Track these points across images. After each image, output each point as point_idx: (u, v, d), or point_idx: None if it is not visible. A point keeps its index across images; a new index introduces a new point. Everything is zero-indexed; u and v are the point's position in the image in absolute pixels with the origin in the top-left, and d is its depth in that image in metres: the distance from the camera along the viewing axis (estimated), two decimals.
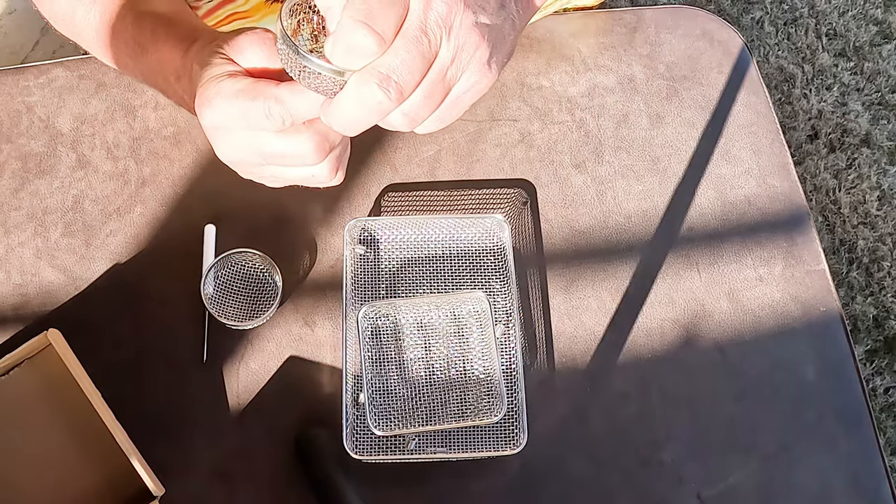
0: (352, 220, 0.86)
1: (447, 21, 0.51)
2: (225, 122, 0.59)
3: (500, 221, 0.88)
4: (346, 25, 0.50)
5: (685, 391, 0.85)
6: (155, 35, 0.70)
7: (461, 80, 0.54)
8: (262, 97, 0.57)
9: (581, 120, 0.95)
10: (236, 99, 0.57)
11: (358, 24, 0.50)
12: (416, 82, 0.52)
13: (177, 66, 0.67)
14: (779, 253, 0.91)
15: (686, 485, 0.82)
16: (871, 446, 0.84)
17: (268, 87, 0.57)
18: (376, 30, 0.50)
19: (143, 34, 0.71)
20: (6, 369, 0.79)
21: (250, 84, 0.58)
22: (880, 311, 1.70)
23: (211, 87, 0.59)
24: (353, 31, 0.50)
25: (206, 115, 0.59)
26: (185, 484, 0.79)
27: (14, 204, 0.89)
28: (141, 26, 0.72)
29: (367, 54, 0.51)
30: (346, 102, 0.52)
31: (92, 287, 0.86)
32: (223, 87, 0.58)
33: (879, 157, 1.81)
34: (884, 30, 1.94)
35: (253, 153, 0.60)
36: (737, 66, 0.98)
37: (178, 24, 0.70)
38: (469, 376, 0.82)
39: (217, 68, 0.60)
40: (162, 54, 0.69)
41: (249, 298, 0.86)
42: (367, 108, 0.52)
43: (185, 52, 0.67)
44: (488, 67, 0.55)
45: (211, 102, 0.59)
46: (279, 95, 0.56)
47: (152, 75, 0.72)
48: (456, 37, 0.52)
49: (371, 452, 0.79)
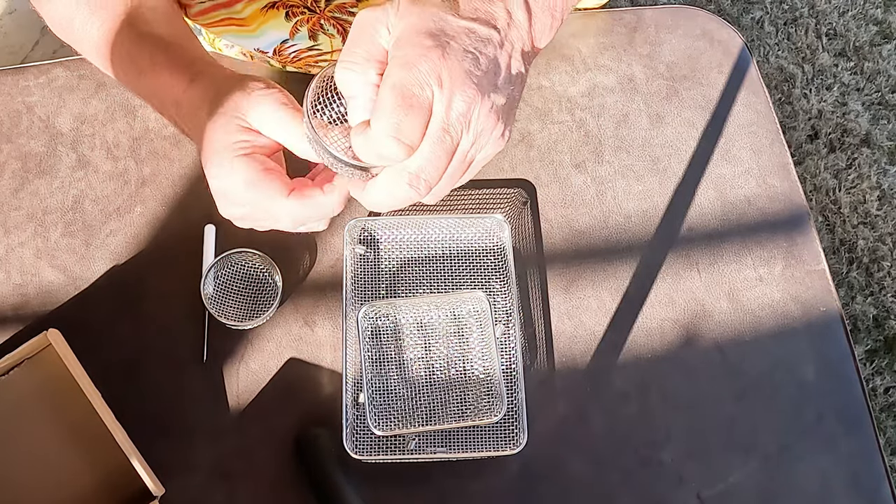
0: (352, 220, 0.86)
1: (467, 116, 0.56)
2: (235, 201, 0.66)
3: (500, 221, 0.88)
4: (378, 138, 0.55)
5: (685, 391, 0.85)
6: (153, 60, 0.71)
7: (479, 155, 0.60)
8: (271, 201, 0.63)
9: (581, 120, 0.95)
10: (248, 189, 0.64)
11: (389, 138, 0.55)
12: (441, 174, 0.58)
13: (177, 96, 0.69)
14: (779, 253, 0.91)
15: (686, 485, 0.82)
16: (871, 446, 0.84)
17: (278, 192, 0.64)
18: (405, 141, 0.55)
19: (141, 57, 0.72)
20: (6, 369, 0.79)
21: (262, 179, 0.64)
22: (880, 311, 1.70)
23: (222, 165, 0.64)
24: (384, 143, 0.55)
25: (214, 185, 0.65)
26: (185, 484, 0.79)
27: (14, 204, 0.89)
28: (140, 48, 0.72)
29: (396, 161, 0.56)
30: (378, 194, 0.59)
31: (92, 287, 0.86)
32: (235, 168, 0.64)
33: (879, 157, 1.81)
34: (884, 30, 1.94)
35: (260, 224, 0.67)
36: (737, 66, 0.98)
37: (178, 52, 0.71)
38: (469, 376, 0.82)
39: (230, 136, 0.64)
40: (161, 80, 0.70)
41: (249, 298, 0.85)
42: (398, 200, 0.59)
43: (188, 83, 0.68)
44: (503, 138, 0.60)
45: (222, 181, 0.65)
46: (288, 206, 0.63)
47: (149, 97, 0.74)
48: (475, 126, 0.57)
49: (371, 452, 0.79)
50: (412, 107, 0.54)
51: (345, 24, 0.94)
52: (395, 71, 0.54)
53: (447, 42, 0.55)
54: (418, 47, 0.54)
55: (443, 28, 0.55)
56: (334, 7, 0.93)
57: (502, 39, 0.58)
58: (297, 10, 0.93)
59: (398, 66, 0.54)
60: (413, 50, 0.54)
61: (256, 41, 0.94)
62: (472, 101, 0.55)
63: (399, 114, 0.54)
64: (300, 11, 0.93)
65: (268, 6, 0.92)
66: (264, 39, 0.94)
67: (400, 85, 0.54)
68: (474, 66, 0.56)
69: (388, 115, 0.54)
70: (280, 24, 0.93)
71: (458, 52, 0.55)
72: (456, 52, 0.55)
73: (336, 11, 0.94)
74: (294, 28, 0.94)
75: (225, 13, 0.93)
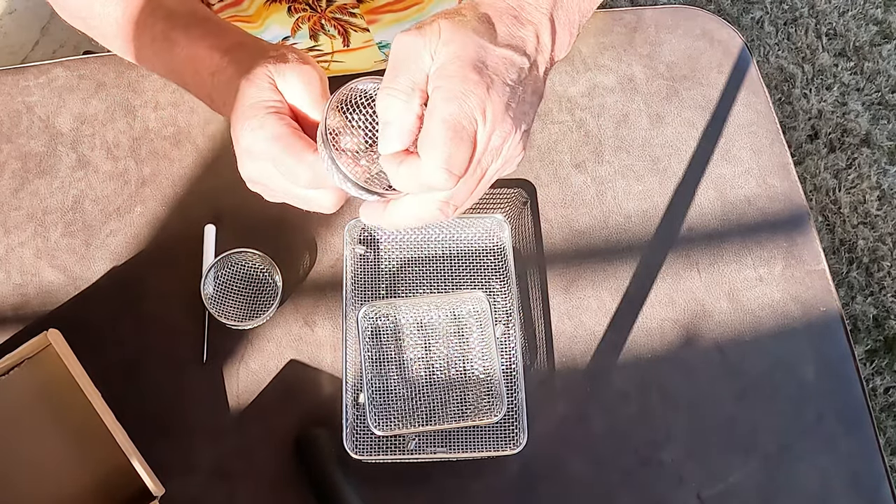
0: (352, 220, 0.86)
1: (500, 149, 0.58)
2: (258, 156, 0.63)
3: (500, 221, 0.88)
4: (429, 170, 0.56)
5: (685, 391, 0.85)
6: (188, 32, 0.71)
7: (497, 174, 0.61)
8: (296, 157, 0.61)
9: (581, 120, 0.95)
10: (275, 143, 0.61)
11: (440, 170, 0.56)
12: (469, 197, 0.60)
13: (215, 63, 0.68)
14: (779, 253, 0.91)
15: (686, 485, 0.82)
16: (871, 446, 0.84)
17: (304, 150, 0.61)
18: (455, 173, 0.56)
19: (175, 30, 0.72)
20: (6, 369, 0.79)
21: (290, 135, 0.61)
22: (880, 311, 1.70)
23: (253, 119, 0.62)
24: (435, 174, 0.56)
25: (241, 141, 0.63)
26: (185, 484, 0.79)
27: (14, 204, 0.89)
28: (172, 23, 0.72)
29: (442, 190, 0.58)
30: (404, 217, 0.60)
31: (92, 287, 0.86)
32: (265, 123, 0.62)
33: (879, 157, 1.81)
34: (884, 30, 1.94)
35: (275, 186, 0.64)
36: (737, 66, 0.98)
37: (212, 25, 0.72)
38: (469, 376, 0.82)
39: (262, 92, 0.63)
40: (196, 51, 0.70)
41: (249, 298, 0.86)
42: (422, 221, 0.61)
43: (225, 52, 0.68)
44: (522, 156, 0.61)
45: (249, 135, 0.62)
46: (312, 163, 0.60)
47: (179, 71, 0.73)
48: (504, 155, 0.59)
49: (371, 452, 0.79)
50: (462, 140, 0.56)
51: (346, 26, 0.95)
52: (443, 104, 0.56)
53: (491, 76, 0.57)
54: (466, 82, 0.56)
55: (484, 59, 0.57)
56: (335, 8, 0.93)
57: (531, 66, 0.60)
58: (300, 6, 0.93)
59: (447, 98, 0.56)
60: (461, 84, 0.56)
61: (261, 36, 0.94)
62: (507, 135, 0.58)
63: (451, 146, 0.56)
64: (302, 8, 0.93)
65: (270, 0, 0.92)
66: (267, 35, 0.94)
67: (451, 119, 0.56)
68: (512, 99, 0.58)
69: (440, 148, 0.56)
70: (282, 19, 0.93)
71: (500, 87, 0.57)
72: (498, 88, 0.57)
73: (337, 12, 0.94)
74: (296, 25, 0.94)
75: (233, 11, 0.93)
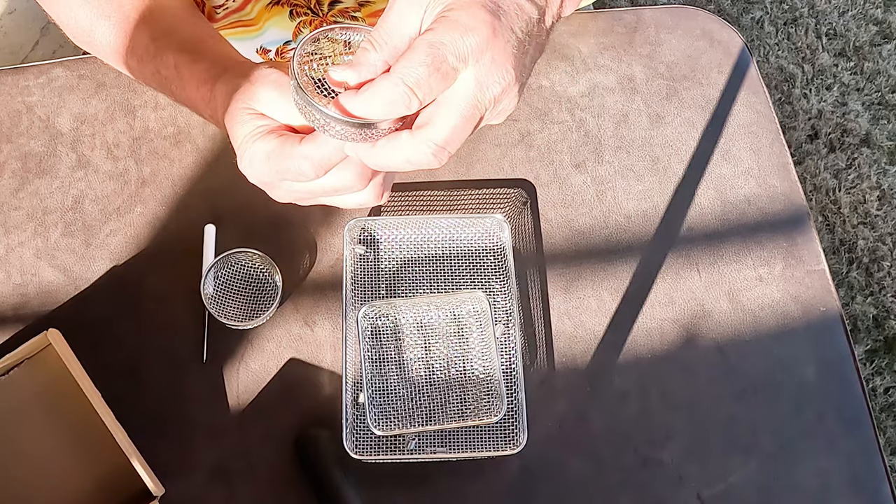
0: (351, 220, 0.86)
1: (499, 98, 0.56)
2: (268, 182, 0.62)
3: (500, 221, 0.88)
4: (393, 82, 0.53)
5: (685, 391, 0.85)
6: (179, 73, 0.71)
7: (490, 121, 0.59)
8: (290, 158, 0.59)
9: (581, 120, 0.95)
10: (269, 163, 0.60)
11: (403, 85, 0.53)
12: (461, 142, 0.57)
13: (205, 98, 0.69)
14: (779, 253, 0.91)
15: (686, 485, 0.82)
16: (871, 446, 0.84)
17: (293, 146, 0.59)
18: (418, 96, 0.53)
19: (166, 68, 0.72)
20: (6, 369, 0.79)
21: (278, 145, 0.60)
22: (880, 311, 1.70)
23: (243, 156, 0.62)
24: (396, 89, 0.53)
25: (251, 179, 0.63)
26: (185, 484, 0.79)
27: (14, 204, 0.89)
28: (163, 62, 0.72)
29: (397, 114, 0.54)
30: (395, 157, 0.57)
31: (92, 287, 0.86)
32: (253, 153, 0.61)
33: (879, 157, 1.81)
34: (884, 30, 1.94)
35: (301, 192, 0.63)
36: (737, 66, 0.98)
37: (201, 59, 0.71)
38: (469, 376, 0.82)
39: (245, 126, 0.62)
40: (188, 93, 0.70)
41: (249, 298, 0.86)
42: (413, 165, 0.57)
43: (212, 86, 0.68)
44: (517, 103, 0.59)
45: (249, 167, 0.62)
46: (306, 153, 0.59)
47: (181, 102, 0.74)
48: (501, 104, 0.57)
49: (371, 452, 0.79)
50: (438, 71, 0.53)
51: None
52: (442, 29, 0.53)
53: (499, 18, 0.54)
54: (473, 18, 0.53)
55: (498, 2, 0.55)
56: (337, 11, 0.94)
57: (541, 17, 0.58)
58: (301, 10, 0.93)
59: (447, 27, 0.53)
60: (468, 18, 0.53)
61: (260, 39, 0.94)
62: (506, 85, 0.55)
63: (424, 70, 0.53)
64: (303, 12, 0.93)
65: (272, 3, 0.92)
66: (267, 37, 0.94)
67: (439, 46, 0.53)
68: (516, 48, 0.55)
69: (414, 66, 0.53)
70: (284, 23, 0.94)
71: (507, 32, 0.55)
72: (504, 33, 0.54)
73: (338, 16, 0.94)
74: (297, 29, 0.94)
75: (236, 17, 0.94)
